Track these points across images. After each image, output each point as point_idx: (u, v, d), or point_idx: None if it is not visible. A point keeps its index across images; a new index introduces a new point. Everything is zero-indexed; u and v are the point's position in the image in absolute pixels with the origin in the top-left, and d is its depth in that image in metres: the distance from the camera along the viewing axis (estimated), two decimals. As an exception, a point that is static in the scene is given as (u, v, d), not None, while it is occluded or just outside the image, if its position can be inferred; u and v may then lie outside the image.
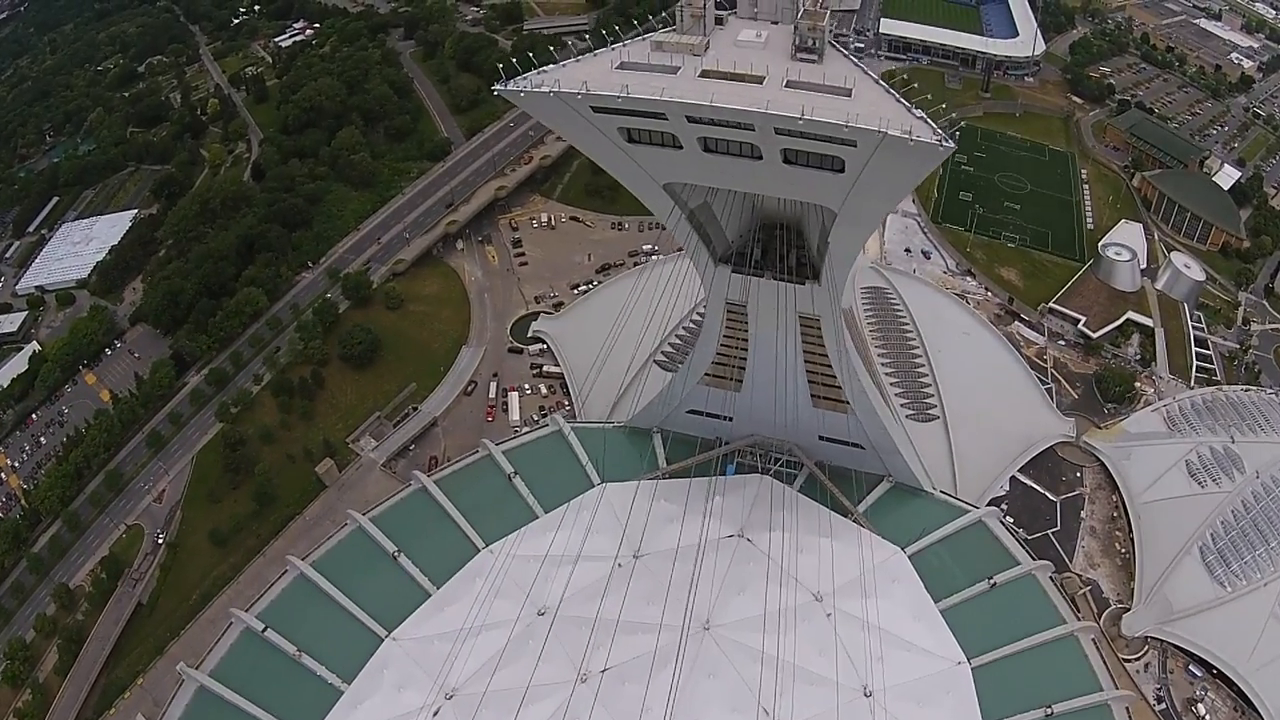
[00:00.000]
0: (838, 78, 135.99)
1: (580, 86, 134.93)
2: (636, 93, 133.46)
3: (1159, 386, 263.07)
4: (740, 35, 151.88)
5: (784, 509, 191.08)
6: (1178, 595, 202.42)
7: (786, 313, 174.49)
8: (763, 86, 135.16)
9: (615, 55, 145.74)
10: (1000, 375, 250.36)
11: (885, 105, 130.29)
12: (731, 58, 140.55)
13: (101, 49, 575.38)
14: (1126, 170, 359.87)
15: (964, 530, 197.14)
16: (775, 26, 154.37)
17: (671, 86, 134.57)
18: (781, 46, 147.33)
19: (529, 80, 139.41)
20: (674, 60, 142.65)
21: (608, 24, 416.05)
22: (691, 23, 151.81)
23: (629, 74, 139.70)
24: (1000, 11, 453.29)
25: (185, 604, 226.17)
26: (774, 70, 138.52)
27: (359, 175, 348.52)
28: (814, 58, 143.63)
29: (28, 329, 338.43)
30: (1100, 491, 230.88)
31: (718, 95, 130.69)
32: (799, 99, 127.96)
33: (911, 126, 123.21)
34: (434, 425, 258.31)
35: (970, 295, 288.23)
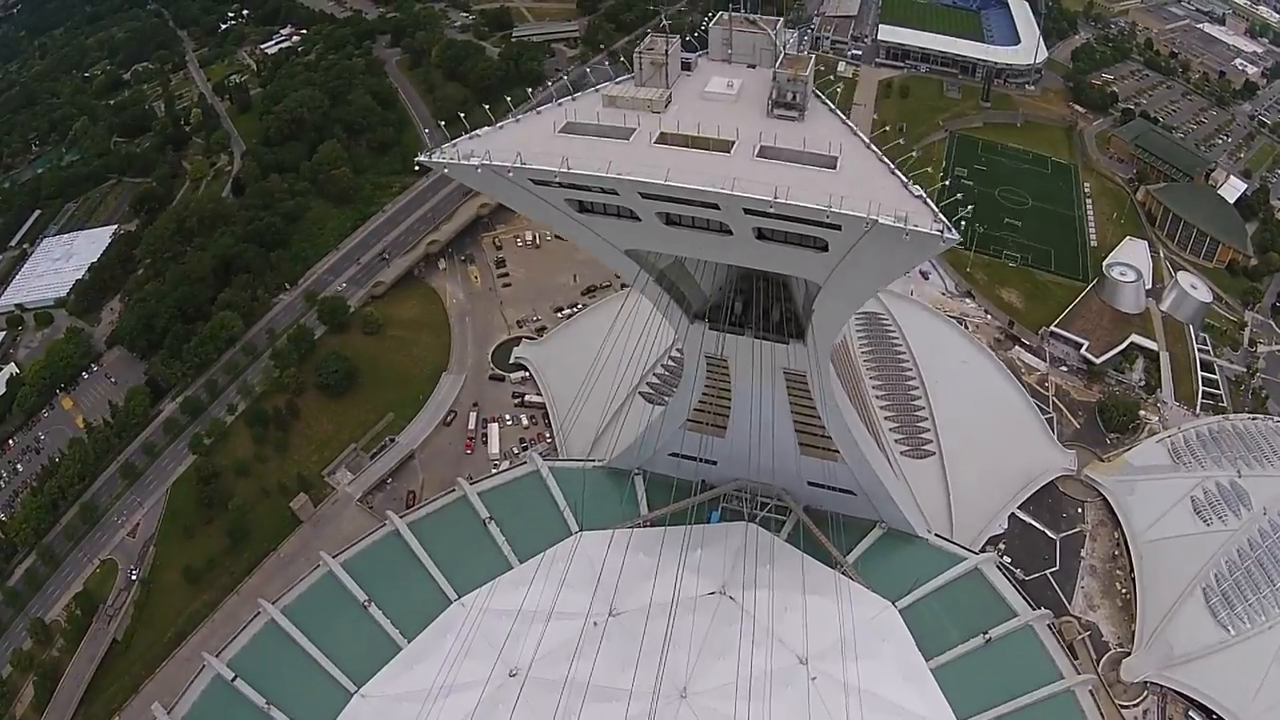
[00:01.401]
0: (821, 142, 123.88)
1: (514, 157, 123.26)
2: (580, 165, 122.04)
3: (1164, 414, 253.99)
4: (709, 84, 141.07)
5: (769, 562, 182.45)
6: (1179, 639, 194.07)
7: (771, 368, 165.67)
8: (730, 157, 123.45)
9: (561, 113, 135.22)
10: (999, 406, 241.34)
11: (877, 180, 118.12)
12: (697, 115, 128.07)
13: (90, 54, 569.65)
14: (1131, 183, 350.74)
15: (959, 580, 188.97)
16: (751, 71, 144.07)
17: (622, 156, 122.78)
18: (757, 98, 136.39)
19: (456, 149, 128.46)
20: (629, 119, 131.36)
21: (599, 30, 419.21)
22: (651, 72, 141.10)
23: (573, 140, 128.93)
24: (1002, 18, 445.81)
25: (160, 642, 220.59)
26: (746, 132, 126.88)
27: (340, 191, 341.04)
28: (794, 114, 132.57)
29: (5, 349, 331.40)
30: (1102, 528, 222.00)
31: (676, 169, 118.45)
32: (773, 173, 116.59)
33: (908, 212, 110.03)
34: (412, 458, 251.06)
35: (970, 318, 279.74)
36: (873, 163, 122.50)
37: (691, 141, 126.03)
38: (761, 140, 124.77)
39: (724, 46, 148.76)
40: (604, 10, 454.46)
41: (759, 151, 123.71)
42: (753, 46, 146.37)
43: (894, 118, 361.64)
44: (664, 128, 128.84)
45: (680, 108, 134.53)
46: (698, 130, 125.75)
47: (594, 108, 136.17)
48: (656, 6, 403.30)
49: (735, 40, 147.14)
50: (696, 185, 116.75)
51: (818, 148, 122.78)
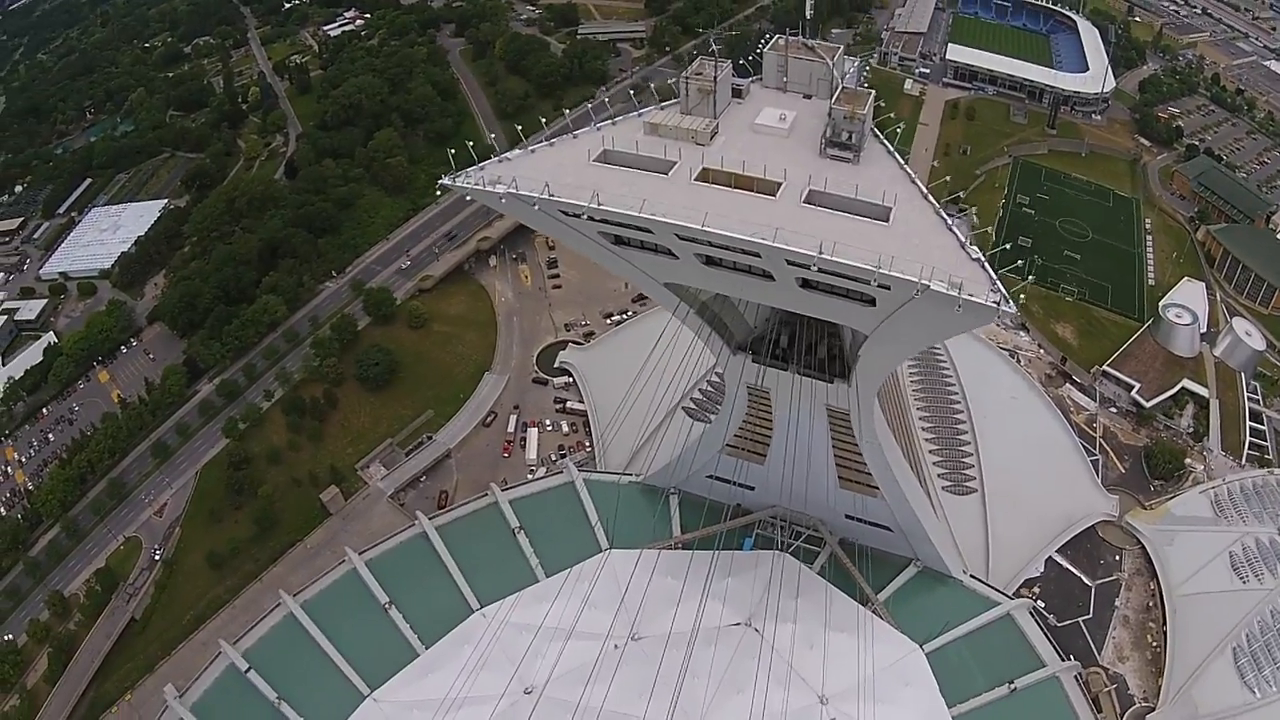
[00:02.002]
0: (875, 188, 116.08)
1: (541, 187, 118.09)
2: (612, 202, 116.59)
3: (1209, 463, 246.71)
4: (760, 116, 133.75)
5: (798, 595, 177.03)
6: (1205, 698, 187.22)
7: (813, 402, 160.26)
8: (775, 201, 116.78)
9: (599, 139, 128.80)
10: (1046, 446, 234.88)
11: (932, 237, 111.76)
12: (743, 151, 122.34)
13: (151, 25, 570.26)
14: (1191, 222, 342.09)
15: (990, 625, 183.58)
16: (807, 103, 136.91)
17: (659, 194, 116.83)
18: (810, 134, 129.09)
19: (484, 172, 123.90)
20: (670, 151, 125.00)
21: (665, 32, 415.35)
22: (698, 99, 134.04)
23: (608, 172, 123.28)
24: (1071, 43, 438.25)
25: (178, 624, 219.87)
26: (795, 172, 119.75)
27: (394, 180, 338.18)
28: (848, 156, 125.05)
29: (46, 317, 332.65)
30: (1138, 578, 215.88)
31: (715, 211, 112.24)
32: (820, 222, 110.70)
33: (963, 279, 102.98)
34: (448, 457, 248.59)
35: (1022, 351, 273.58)
36: (929, 216, 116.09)
37: (735, 180, 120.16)
38: (811, 184, 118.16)
39: (779, 74, 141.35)
40: (672, 12, 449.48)
41: (807, 196, 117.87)
42: (810, 76, 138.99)
43: (959, 140, 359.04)
44: (707, 163, 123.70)
45: (726, 141, 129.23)
46: (743, 168, 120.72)
47: (634, 135, 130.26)
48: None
49: (791, 68, 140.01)
50: (735, 234, 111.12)
51: (871, 195, 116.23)
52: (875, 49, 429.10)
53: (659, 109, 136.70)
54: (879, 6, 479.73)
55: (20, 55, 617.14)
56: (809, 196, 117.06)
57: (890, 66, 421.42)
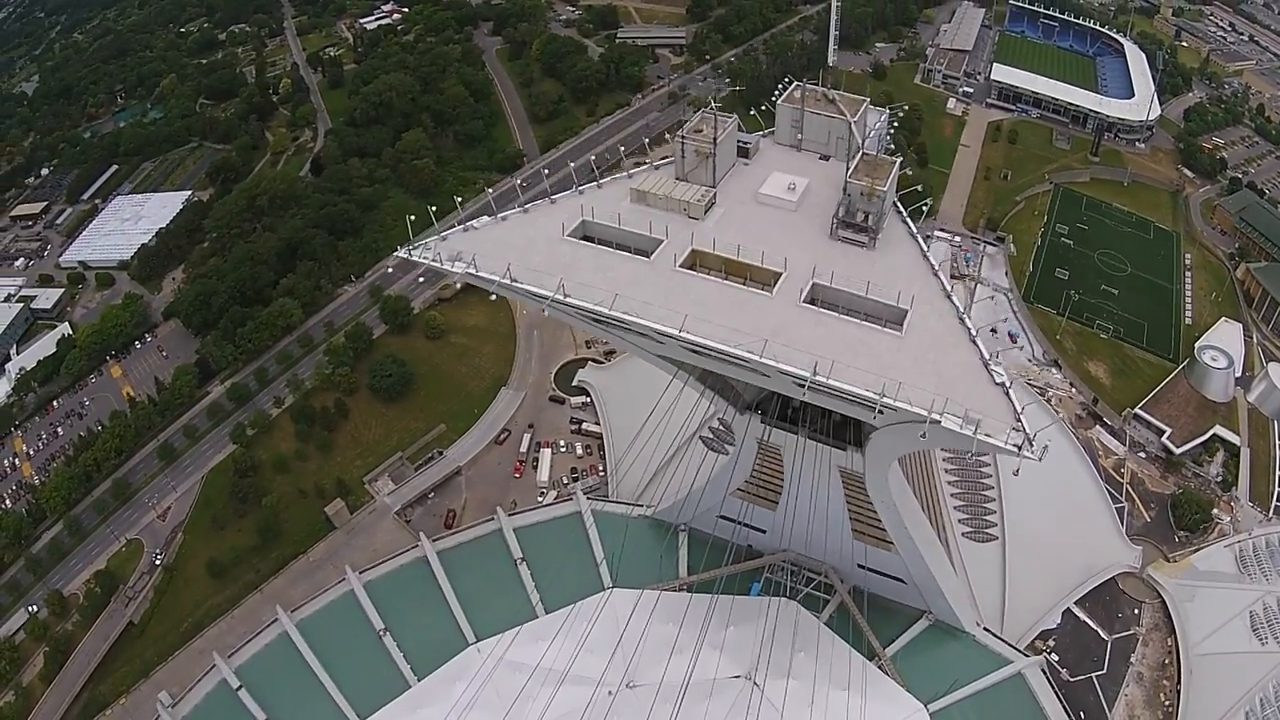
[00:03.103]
0: (890, 284, 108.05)
1: (503, 268, 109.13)
2: (579, 292, 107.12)
3: (1236, 514, 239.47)
4: (767, 184, 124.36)
5: (803, 647, 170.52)
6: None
7: (826, 464, 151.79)
8: (771, 297, 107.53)
9: (579, 206, 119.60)
10: (1071, 492, 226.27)
11: (951, 351, 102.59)
12: (742, 229, 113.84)
13: (188, 9, 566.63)
14: (1232, 258, 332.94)
15: (1000, 684, 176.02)
16: (822, 166, 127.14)
17: (636, 283, 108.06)
18: (823, 206, 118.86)
19: (446, 244, 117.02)
20: (657, 224, 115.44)
21: (706, 39, 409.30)
22: (695, 163, 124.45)
23: (582, 251, 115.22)
24: (1117, 67, 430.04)
25: (175, 631, 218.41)
26: (799, 258, 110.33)
27: (420, 182, 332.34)
28: (863, 240, 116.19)
29: (63, 307, 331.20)
30: (1156, 633, 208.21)
31: (699, 308, 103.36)
32: (820, 328, 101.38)
33: (982, 412, 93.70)
34: (458, 474, 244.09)
35: (1053, 390, 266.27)
36: (950, 322, 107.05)
37: (727, 267, 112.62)
38: (815, 276, 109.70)
39: (794, 130, 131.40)
40: (714, 19, 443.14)
41: (809, 294, 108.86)
42: (828, 134, 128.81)
43: (1000, 164, 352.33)
44: (698, 243, 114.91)
45: (724, 214, 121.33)
46: (737, 252, 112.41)
47: (619, 203, 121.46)
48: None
49: (807, 124, 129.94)
50: (716, 344, 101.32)
51: (885, 293, 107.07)
52: (919, 65, 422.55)
53: (653, 168, 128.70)
54: (925, 21, 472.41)
55: (57, 34, 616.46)
56: (811, 293, 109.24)
57: (934, 84, 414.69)
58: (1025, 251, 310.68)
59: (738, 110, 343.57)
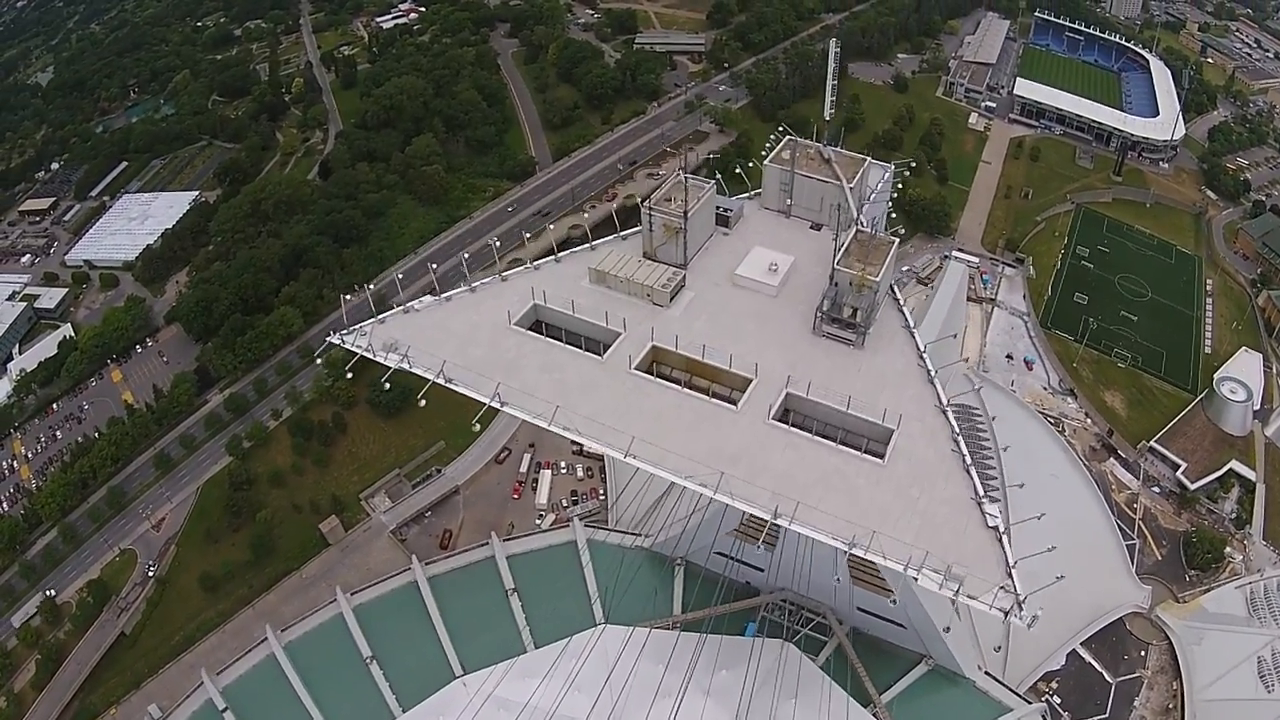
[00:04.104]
0: (876, 394, 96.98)
1: (438, 364, 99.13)
2: (517, 398, 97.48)
3: (1249, 553, 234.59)
4: (745, 262, 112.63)
5: (796, 694, 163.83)
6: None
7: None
8: (737, 413, 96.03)
9: (530, 287, 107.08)
10: (1082, 530, 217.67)
11: (940, 485, 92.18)
12: (713, 320, 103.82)
13: (205, 3, 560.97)
14: (1254, 285, 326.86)
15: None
16: (813, 238, 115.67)
17: (584, 388, 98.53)
18: (808, 291, 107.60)
19: (384, 327, 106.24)
20: (615, 312, 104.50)
21: (725, 48, 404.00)
22: (664, 237, 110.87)
23: (529, 344, 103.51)
24: (1142, 83, 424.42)
25: (167, 644, 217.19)
26: (774, 359, 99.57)
27: (429, 189, 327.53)
28: (850, 339, 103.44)
29: (66, 307, 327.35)
30: (1161, 676, 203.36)
31: (650, 427, 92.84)
32: (789, 455, 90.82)
33: (969, 564, 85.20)
34: (455, 493, 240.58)
35: (1068, 420, 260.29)
36: (942, 445, 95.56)
37: (691, 369, 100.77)
38: (789, 385, 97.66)
39: (782, 193, 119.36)
40: (734, 26, 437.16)
41: (781, 408, 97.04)
42: (820, 199, 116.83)
43: (1021, 182, 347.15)
44: (659, 337, 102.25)
45: (694, 301, 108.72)
46: (703, 353, 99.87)
47: (578, 281, 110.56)
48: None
49: (797, 188, 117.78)
50: (665, 473, 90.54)
51: (869, 406, 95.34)
52: (941, 77, 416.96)
53: (620, 240, 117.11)
54: (948, 32, 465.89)
55: (74, 24, 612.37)
56: (784, 406, 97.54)
57: (956, 98, 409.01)
58: (1044, 274, 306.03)
59: (753, 123, 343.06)
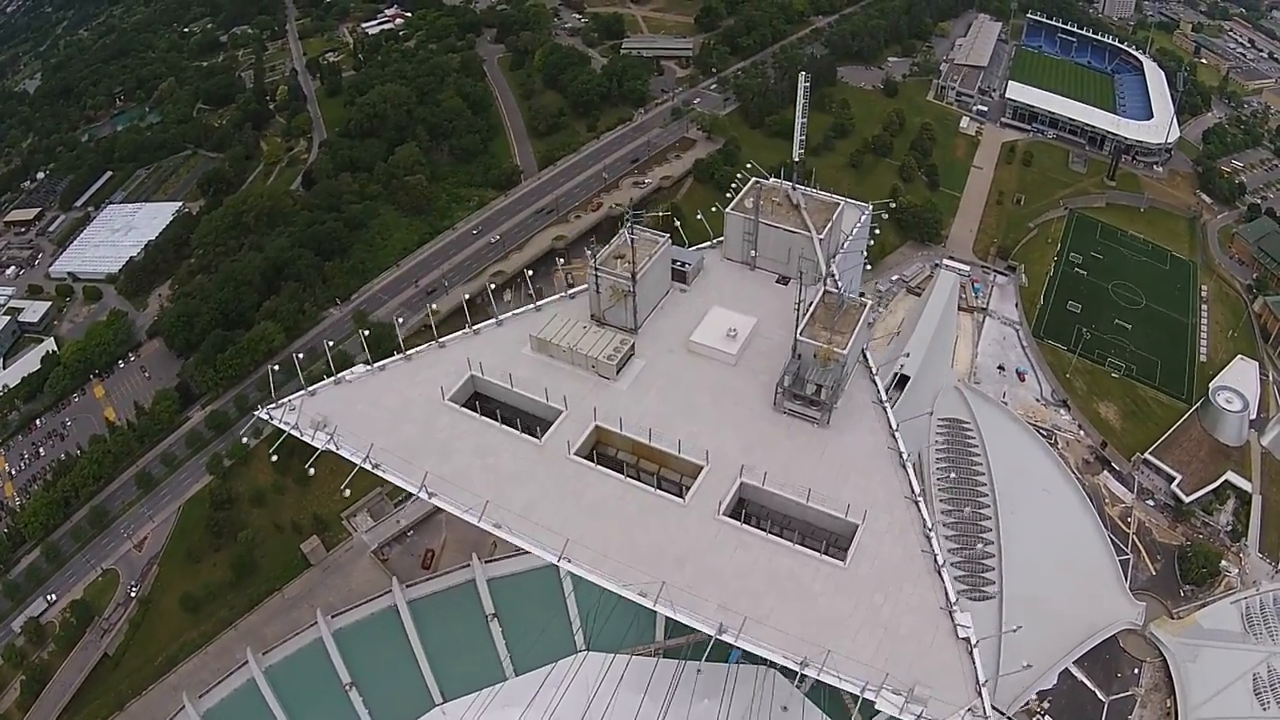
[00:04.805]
0: (841, 481, 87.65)
1: (364, 445, 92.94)
2: (445, 489, 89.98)
3: (1244, 566, 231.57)
4: (701, 327, 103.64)
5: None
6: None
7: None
8: (685, 507, 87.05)
9: (466, 357, 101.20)
10: (1075, 545, 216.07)
11: (908, 589, 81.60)
12: (663, 394, 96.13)
13: (193, 9, 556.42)
14: (1249, 291, 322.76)
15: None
16: (779, 293, 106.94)
17: (519, 476, 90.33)
18: (771, 357, 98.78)
19: (314, 400, 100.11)
20: (557, 386, 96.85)
21: (712, 52, 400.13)
22: (612, 300, 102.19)
23: (464, 423, 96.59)
24: (1135, 85, 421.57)
25: (150, 665, 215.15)
26: (728, 444, 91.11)
27: (412, 200, 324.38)
28: (814, 417, 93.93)
29: (49, 320, 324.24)
30: (1155, 694, 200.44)
31: (591, 523, 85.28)
32: (739, 558, 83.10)
33: (933, 682, 75.67)
34: (438, 511, 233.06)
35: (1061, 433, 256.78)
36: (911, 543, 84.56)
37: (637, 452, 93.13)
38: (744, 473, 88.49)
39: (746, 243, 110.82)
40: (722, 29, 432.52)
41: (733, 500, 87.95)
42: (788, 250, 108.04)
43: (1013, 188, 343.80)
44: (604, 416, 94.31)
45: (645, 369, 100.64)
46: (650, 435, 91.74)
47: (519, 349, 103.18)
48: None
49: (762, 238, 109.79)
50: (600, 579, 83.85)
51: (832, 499, 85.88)
52: (932, 81, 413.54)
53: (567, 299, 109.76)
54: (939, 35, 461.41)
55: (63, 30, 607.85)
56: (737, 497, 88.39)
57: (947, 101, 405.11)
58: (1037, 282, 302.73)
59: (741, 130, 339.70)
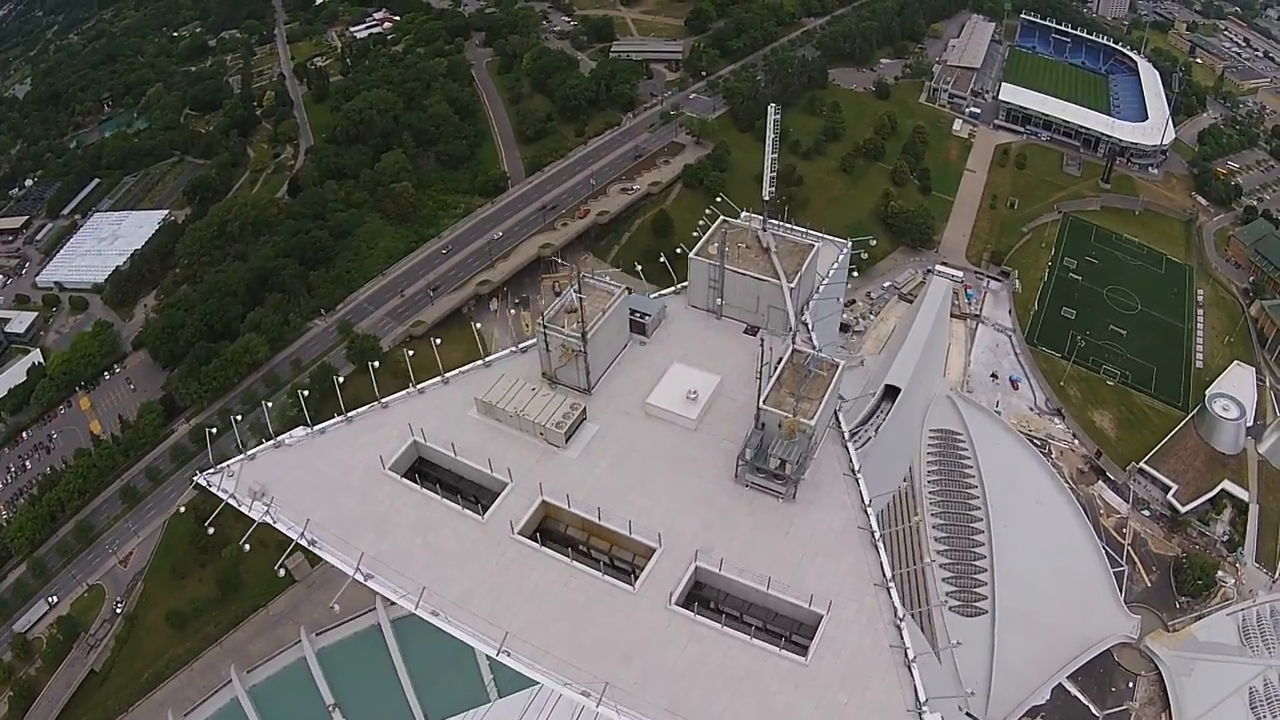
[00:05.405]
0: (805, 565, 79.59)
1: (301, 518, 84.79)
2: (383, 572, 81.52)
3: (1241, 576, 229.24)
4: (662, 386, 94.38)
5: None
6: None
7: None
8: (634, 595, 78.73)
9: (408, 423, 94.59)
10: (1069, 558, 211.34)
11: (874, 688, 72.88)
12: (615, 464, 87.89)
13: (182, 13, 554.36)
14: (1246, 294, 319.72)
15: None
16: (745, 346, 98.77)
17: (460, 556, 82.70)
18: (732, 420, 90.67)
19: (254, 464, 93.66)
20: (507, 450, 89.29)
21: (702, 55, 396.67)
22: (563, 360, 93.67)
23: (402, 495, 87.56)
24: (1130, 86, 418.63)
25: (137, 681, 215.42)
26: (685, 520, 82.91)
27: (398, 208, 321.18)
28: (779, 492, 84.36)
29: (36, 331, 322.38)
30: (1150, 708, 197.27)
31: (532, 613, 77.63)
32: (692, 652, 75.11)
33: None
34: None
35: (1055, 442, 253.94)
36: (880, 632, 75.47)
37: (586, 529, 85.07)
38: (699, 558, 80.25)
39: (711, 291, 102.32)
40: (712, 32, 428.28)
41: (687, 587, 79.84)
42: (757, 298, 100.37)
43: (1007, 191, 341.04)
44: (550, 490, 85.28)
45: (597, 435, 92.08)
46: (599, 514, 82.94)
47: (465, 411, 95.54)
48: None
49: (729, 285, 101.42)
50: (542, 674, 74.51)
51: (795, 585, 78.04)
52: (925, 83, 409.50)
53: (519, 354, 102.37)
54: (932, 36, 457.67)
55: (53, 34, 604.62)
56: (691, 583, 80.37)
57: (940, 103, 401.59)
58: (1031, 287, 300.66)
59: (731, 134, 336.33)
